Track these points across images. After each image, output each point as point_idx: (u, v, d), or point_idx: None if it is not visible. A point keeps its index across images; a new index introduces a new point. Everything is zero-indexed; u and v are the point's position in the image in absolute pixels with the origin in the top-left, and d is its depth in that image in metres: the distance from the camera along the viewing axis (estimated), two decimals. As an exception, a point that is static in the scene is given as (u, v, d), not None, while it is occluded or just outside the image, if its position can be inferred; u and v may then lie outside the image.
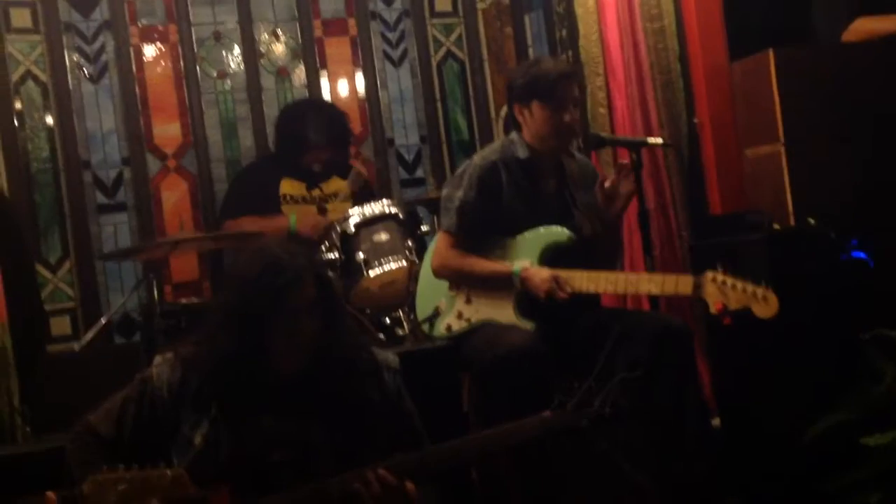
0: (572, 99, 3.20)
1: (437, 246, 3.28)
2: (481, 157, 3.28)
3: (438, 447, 2.26)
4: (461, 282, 3.25)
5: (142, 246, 4.29)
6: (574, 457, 2.87)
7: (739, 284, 2.81)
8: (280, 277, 2.20)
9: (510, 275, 3.11)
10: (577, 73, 3.36)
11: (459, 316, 3.21)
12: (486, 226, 3.21)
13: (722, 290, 2.82)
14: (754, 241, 3.29)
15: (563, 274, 3.04)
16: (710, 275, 2.85)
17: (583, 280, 3.04)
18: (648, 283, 2.98)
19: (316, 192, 4.36)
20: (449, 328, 3.23)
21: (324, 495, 2.16)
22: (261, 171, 4.47)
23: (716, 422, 3.44)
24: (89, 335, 3.99)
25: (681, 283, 2.92)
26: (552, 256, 3.14)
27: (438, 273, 3.28)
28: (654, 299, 3.29)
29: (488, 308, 3.17)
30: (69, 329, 4.52)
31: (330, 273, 3.38)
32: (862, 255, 3.27)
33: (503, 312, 3.13)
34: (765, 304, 2.77)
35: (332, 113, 4.49)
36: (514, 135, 3.29)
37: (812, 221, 3.33)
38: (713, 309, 2.84)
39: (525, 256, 3.15)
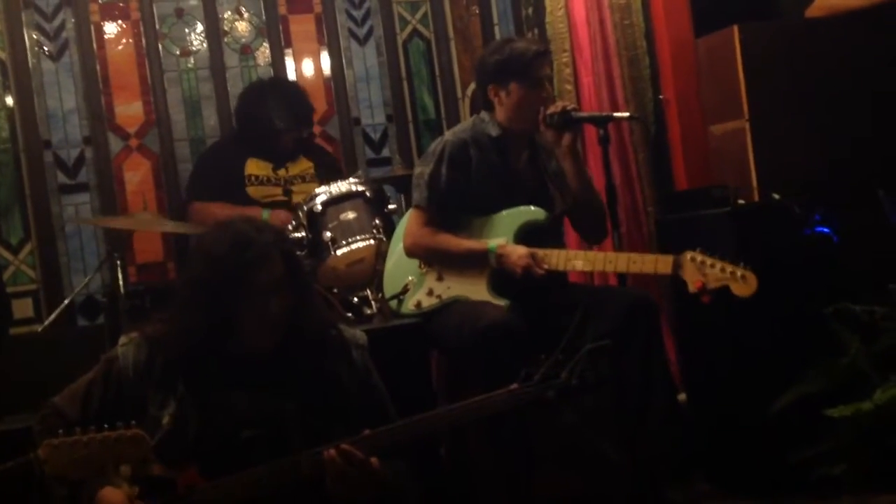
0: (547, 76, 3.24)
1: (409, 224, 3.27)
2: (452, 133, 3.29)
3: (407, 421, 2.26)
4: (434, 260, 3.25)
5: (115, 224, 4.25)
6: (542, 430, 2.89)
7: (718, 264, 2.84)
8: (247, 254, 2.19)
9: (486, 252, 3.11)
10: (549, 51, 3.39)
11: (430, 293, 3.21)
12: (457, 203, 3.21)
13: (701, 270, 2.85)
14: (719, 216, 3.31)
15: (541, 252, 3.05)
16: (688, 255, 2.88)
17: (560, 258, 3.05)
18: (627, 263, 2.99)
19: (282, 173, 4.33)
20: (418, 304, 3.23)
21: (291, 472, 2.15)
22: (226, 150, 4.41)
23: (682, 397, 3.47)
24: (52, 316, 3.95)
25: (660, 263, 2.94)
26: (527, 235, 3.15)
27: (411, 252, 3.27)
28: (621, 275, 3.30)
29: (460, 285, 3.17)
30: (31, 311, 4.46)
31: (297, 250, 3.37)
32: (825, 229, 3.31)
33: (476, 290, 3.14)
34: (744, 283, 2.81)
35: (293, 92, 4.43)
36: (484, 114, 3.30)
37: (776, 196, 3.36)
38: (692, 288, 2.86)
39: (500, 235, 3.17)
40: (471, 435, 2.95)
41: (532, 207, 3.19)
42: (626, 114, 3.59)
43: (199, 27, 4.79)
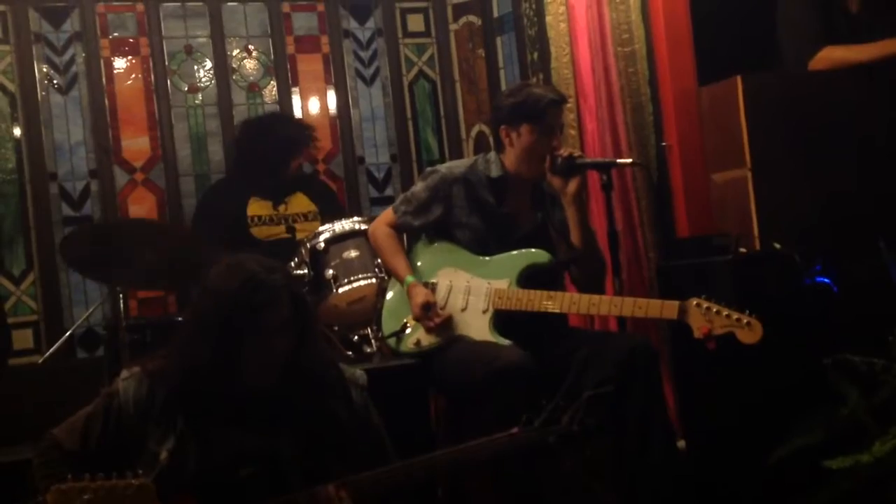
0: (559, 125, 3.29)
1: (380, 217, 3.47)
2: (448, 167, 3.39)
3: (406, 462, 2.26)
4: (377, 254, 3.52)
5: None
6: (541, 474, 2.88)
7: (724, 311, 2.85)
8: (256, 295, 2.19)
9: (402, 281, 3.29)
10: (566, 100, 3.42)
11: (430, 332, 3.21)
12: (438, 232, 3.32)
13: (706, 316, 2.87)
14: (720, 264, 3.32)
15: (548, 294, 3.08)
16: (694, 301, 2.89)
17: (565, 301, 3.06)
18: (633, 307, 3.01)
19: (282, 209, 4.36)
20: (418, 343, 3.23)
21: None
22: (227, 191, 4.44)
23: (681, 444, 3.46)
24: (53, 348, 3.95)
25: (666, 309, 2.95)
26: (530, 277, 3.17)
27: (370, 238, 3.50)
28: (621, 320, 3.31)
29: (462, 325, 3.18)
30: (31, 343, 4.46)
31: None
32: (826, 280, 3.32)
33: (478, 330, 3.15)
34: (749, 330, 2.82)
35: (292, 118, 4.69)
36: (491, 154, 3.35)
37: (777, 246, 3.37)
38: (698, 333, 2.87)
39: (502, 276, 3.19)
40: (469, 477, 2.94)
41: (537, 250, 3.21)
42: (630, 160, 3.62)
43: (208, 64, 4.84)
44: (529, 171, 3.25)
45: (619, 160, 3.52)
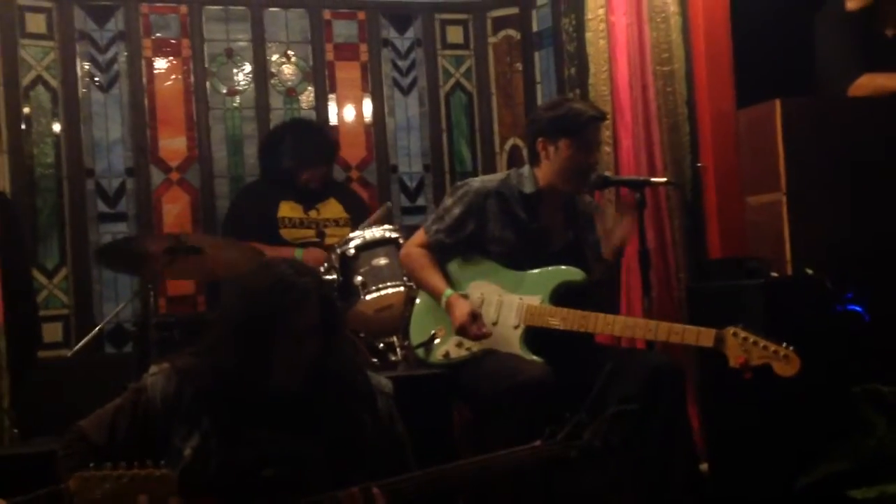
0: (598, 142, 3.28)
1: (411, 239, 3.39)
2: (481, 181, 3.36)
3: (427, 471, 2.26)
4: (412, 280, 3.42)
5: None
6: (562, 492, 2.87)
7: (761, 342, 2.83)
8: (287, 297, 2.20)
9: (440, 296, 3.20)
10: (606, 117, 3.40)
11: (460, 344, 3.20)
12: (470, 247, 3.27)
13: (743, 346, 2.85)
14: (751, 288, 3.30)
15: (580, 314, 3.07)
16: (731, 330, 2.87)
17: (598, 322, 3.06)
18: (668, 333, 2.99)
19: (313, 214, 4.38)
20: (447, 355, 3.22)
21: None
22: (259, 193, 4.48)
23: (704, 467, 3.43)
24: (82, 343, 3.99)
25: (702, 336, 2.93)
26: (563, 295, 3.17)
27: (402, 262, 3.43)
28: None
29: (492, 338, 3.17)
30: (61, 336, 4.51)
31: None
32: (857, 307, 3.29)
33: (508, 343, 3.14)
34: (786, 363, 2.80)
35: (310, 129, 4.57)
36: (525, 168, 3.33)
37: (809, 271, 3.35)
38: (734, 363, 2.85)
39: (535, 292, 3.18)
40: (490, 488, 2.93)
41: (571, 268, 3.20)
42: (664, 179, 3.61)
43: (248, 68, 4.88)
44: (564, 185, 3.25)
45: (653, 179, 3.51)
